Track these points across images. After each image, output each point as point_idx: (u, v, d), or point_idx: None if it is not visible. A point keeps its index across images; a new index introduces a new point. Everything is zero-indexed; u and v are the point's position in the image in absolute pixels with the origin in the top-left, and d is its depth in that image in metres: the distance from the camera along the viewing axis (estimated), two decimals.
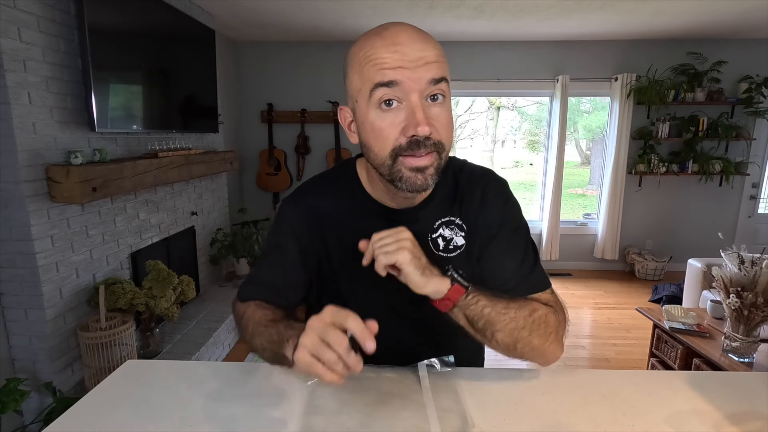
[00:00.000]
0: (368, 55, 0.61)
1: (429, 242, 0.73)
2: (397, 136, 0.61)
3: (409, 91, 0.59)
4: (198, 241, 3.09)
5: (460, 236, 0.74)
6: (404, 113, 0.60)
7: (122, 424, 0.63)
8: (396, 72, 0.59)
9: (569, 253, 4.37)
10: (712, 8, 2.99)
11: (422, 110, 0.59)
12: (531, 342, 0.68)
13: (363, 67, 0.61)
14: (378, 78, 0.60)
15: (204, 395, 0.69)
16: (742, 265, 1.58)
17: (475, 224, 0.75)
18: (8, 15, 1.62)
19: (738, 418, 0.64)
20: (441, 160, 0.64)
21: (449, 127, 0.64)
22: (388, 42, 0.60)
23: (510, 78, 4.02)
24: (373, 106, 0.61)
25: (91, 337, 1.86)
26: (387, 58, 0.59)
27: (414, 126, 0.59)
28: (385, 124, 0.61)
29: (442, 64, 0.62)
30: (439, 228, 0.74)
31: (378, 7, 2.99)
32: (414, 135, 0.60)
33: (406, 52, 0.59)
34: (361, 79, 0.62)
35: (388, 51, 0.59)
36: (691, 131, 3.88)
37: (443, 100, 0.62)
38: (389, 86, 0.59)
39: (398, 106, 0.61)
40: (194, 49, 2.84)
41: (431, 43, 0.62)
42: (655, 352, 2.17)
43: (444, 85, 0.62)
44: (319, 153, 4.18)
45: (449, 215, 0.74)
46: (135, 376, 0.76)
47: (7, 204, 1.70)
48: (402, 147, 0.61)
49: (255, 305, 0.72)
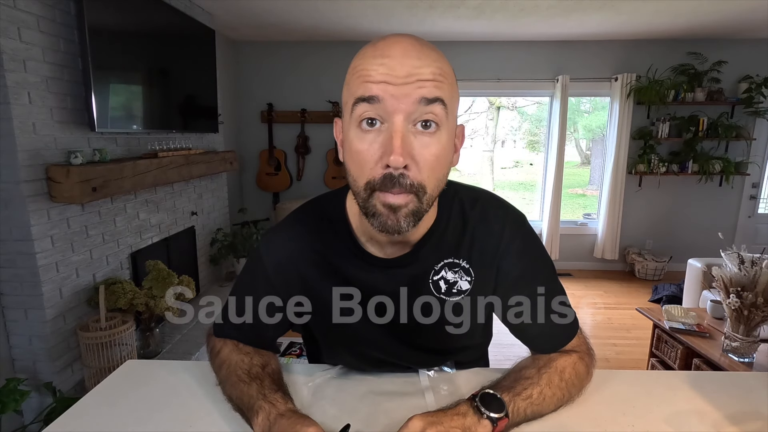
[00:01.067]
0: (356, 65, 0.54)
1: (430, 284, 0.67)
2: (372, 165, 0.53)
3: (393, 111, 0.51)
4: (198, 241, 3.09)
5: (465, 281, 0.67)
6: (383, 137, 0.52)
7: (122, 424, 0.63)
8: (379, 86, 0.51)
9: (569, 253, 4.37)
10: (712, 8, 2.99)
11: (402, 137, 0.51)
12: (572, 397, 0.67)
13: (351, 78, 0.55)
14: (360, 92, 0.52)
15: (204, 395, 0.69)
16: (742, 265, 1.58)
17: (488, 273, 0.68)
18: (8, 15, 1.62)
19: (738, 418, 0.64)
20: (421, 204, 0.54)
21: (436, 165, 0.54)
22: (378, 53, 0.52)
23: (510, 78, 4.02)
24: (354, 124, 0.53)
25: (91, 337, 1.86)
26: (372, 71, 0.52)
27: (388, 154, 0.51)
28: (364, 147, 0.53)
29: (441, 84, 0.53)
30: (441, 270, 0.66)
31: (378, 7, 2.98)
32: (387, 165, 0.51)
33: (393, 66, 0.51)
34: (348, 92, 0.55)
35: (375, 62, 0.52)
36: (691, 131, 3.88)
37: (435, 130, 0.53)
38: (370, 102, 0.51)
39: (380, 126, 0.52)
40: (194, 49, 2.84)
41: (430, 60, 0.53)
42: (655, 352, 2.17)
43: (438, 109, 0.52)
44: (319, 153, 4.18)
45: (453, 257, 0.66)
46: (135, 376, 0.76)
47: (7, 204, 1.70)
48: (376, 182, 0.53)
49: (232, 345, 0.71)
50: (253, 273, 0.72)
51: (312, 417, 0.56)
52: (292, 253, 0.69)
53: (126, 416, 0.65)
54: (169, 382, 0.73)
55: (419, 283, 0.67)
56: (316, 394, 0.70)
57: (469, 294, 0.68)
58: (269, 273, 0.69)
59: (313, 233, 0.69)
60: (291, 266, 0.69)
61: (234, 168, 3.27)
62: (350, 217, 0.67)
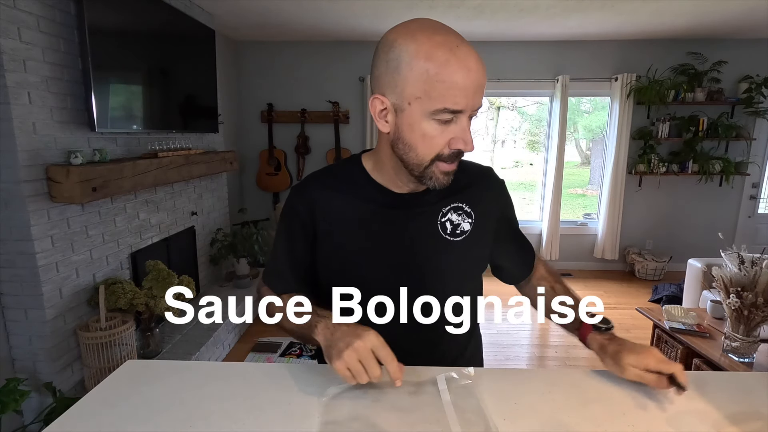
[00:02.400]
0: (440, 73, 0.61)
1: (438, 226, 0.79)
2: (443, 145, 0.67)
3: (466, 114, 0.65)
4: (198, 241, 3.09)
5: (467, 222, 0.80)
6: (454, 129, 0.66)
7: (122, 424, 0.63)
8: (464, 101, 0.63)
9: (569, 253, 4.37)
10: (712, 8, 2.99)
11: (469, 131, 0.67)
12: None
13: (433, 83, 0.62)
14: (449, 104, 0.63)
15: (204, 395, 0.69)
16: (742, 265, 1.58)
17: (482, 214, 0.82)
18: (8, 15, 1.62)
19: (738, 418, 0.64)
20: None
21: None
22: (462, 65, 0.61)
23: (510, 78, 4.02)
24: (430, 118, 0.65)
25: (91, 337, 1.86)
26: (461, 84, 0.62)
27: (463, 144, 0.67)
28: (437, 134, 0.66)
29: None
30: (448, 213, 0.79)
31: (378, 7, 2.99)
32: (459, 150, 0.67)
33: (475, 80, 0.62)
34: (425, 92, 0.63)
35: (460, 76, 0.61)
36: (691, 131, 3.88)
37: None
38: (455, 113, 0.64)
39: (449, 122, 0.65)
40: (194, 49, 2.84)
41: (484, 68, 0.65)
42: None
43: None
44: (319, 153, 4.18)
45: (457, 201, 0.80)
46: (135, 376, 0.76)
47: (7, 204, 1.70)
48: (444, 155, 0.68)
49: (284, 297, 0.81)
50: (287, 218, 0.83)
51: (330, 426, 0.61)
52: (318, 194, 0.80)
53: (126, 416, 0.65)
54: (169, 382, 0.73)
55: (428, 222, 0.78)
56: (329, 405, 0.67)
57: (469, 235, 0.80)
58: (301, 213, 0.80)
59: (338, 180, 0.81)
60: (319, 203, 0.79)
61: (234, 168, 3.27)
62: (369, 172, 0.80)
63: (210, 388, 0.71)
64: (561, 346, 2.83)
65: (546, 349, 2.81)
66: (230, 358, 2.70)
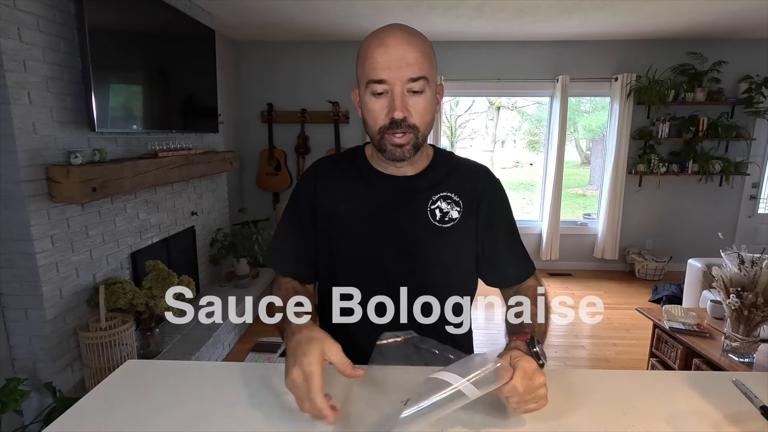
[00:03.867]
0: (366, 52, 0.76)
1: (428, 212, 0.85)
2: (383, 116, 0.77)
3: (393, 84, 0.75)
4: (198, 241, 3.09)
5: (455, 210, 0.86)
6: (388, 100, 0.76)
7: (122, 424, 0.63)
8: (383, 72, 0.74)
9: (569, 253, 4.37)
10: (712, 8, 3.00)
11: (401, 99, 0.75)
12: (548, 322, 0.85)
13: (363, 62, 0.77)
14: (371, 75, 0.75)
15: (204, 395, 0.69)
16: (742, 265, 1.58)
17: (470, 204, 0.87)
18: (8, 15, 1.62)
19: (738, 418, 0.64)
20: (417, 139, 0.79)
21: (425, 113, 0.78)
22: (380, 43, 0.75)
23: (510, 78, 4.02)
24: (368, 93, 0.77)
25: (91, 337, 1.86)
26: (378, 59, 0.74)
27: (393, 110, 0.75)
28: (376, 107, 0.77)
29: (423, 64, 0.75)
30: (437, 201, 0.86)
31: (378, 7, 2.99)
32: (392, 117, 0.75)
33: (391, 53, 0.74)
34: (361, 71, 0.78)
35: (379, 52, 0.74)
36: (691, 131, 3.88)
37: (422, 93, 0.77)
38: (379, 83, 0.75)
39: (385, 94, 0.76)
40: (194, 49, 2.83)
41: (414, 45, 0.75)
42: (655, 352, 2.17)
43: (422, 83, 0.75)
44: (319, 153, 4.18)
45: (446, 191, 0.86)
46: (135, 376, 0.76)
47: (7, 204, 1.70)
48: (386, 126, 0.77)
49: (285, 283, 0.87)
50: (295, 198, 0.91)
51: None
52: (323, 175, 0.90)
53: (126, 416, 0.65)
54: (169, 382, 0.73)
55: (419, 209, 0.85)
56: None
57: (458, 224, 0.85)
58: (309, 191, 0.89)
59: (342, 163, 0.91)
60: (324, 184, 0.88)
61: (234, 168, 3.27)
62: (368, 158, 0.90)
63: (210, 388, 0.71)
64: (561, 346, 2.83)
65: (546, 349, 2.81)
66: (230, 358, 2.70)
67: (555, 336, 2.99)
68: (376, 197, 0.86)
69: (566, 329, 3.11)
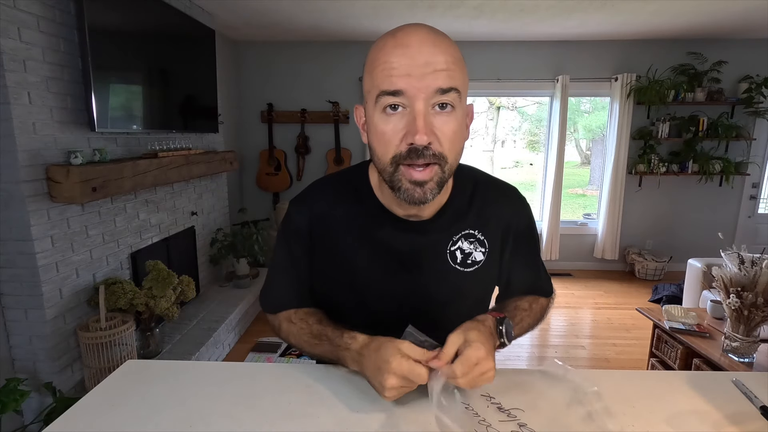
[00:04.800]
0: (378, 56, 0.59)
1: (447, 255, 0.72)
2: (398, 142, 0.59)
3: (414, 99, 0.57)
4: (198, 241, 3.09)
5: (479, 252, 0.72)
6: (407, 119, 0.58)
7: (122, 424, 0.63)
8: (402, 80, 0.56)
9: (569, 253, 4.37)
10: (712, 8, 2.99)
11: (424, 118, 0.57)
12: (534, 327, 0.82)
13: (374, 69, 0.59)
14: (384, 86, 0.58)
15: (204, 395, 0.69)
16: (742, 265, 1.58)
17: (496, 240, 0.74)
18: (8, 15, 1.62)
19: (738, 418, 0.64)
20: (444, 173, 0.61)
21: (455, 138, 0.60)
22: (398, 43, 0.57)
23: (510, 78, 4.02)
24: (379, 110, 0.59)
25: (91, 337, 1.86)
26: (395, 63, 0.57)
27: (413, 134, 0.57)
28: (388, 128, 0.59)
29: (454, 72, 0.58)
30: (458, 241, 0.72)
31: (378, 7, 2.99)
32: (412, 143, 0.58)
33: (414, 56, 0.56)
34: (371, 82, 0.60)
35: (396, 54, 0.57)
36: (691, 131, 3.88)
37: (451, 110, 0.59)
38: (395, 95, 0.57)
39: (402, 111, 0.58)
40: (194, 49, 2.83)
41: (443, 47, 0.58)
42: (655, 352, 2.17)
43: (453, 95, 0.58)
44: (319, 153, 4.18)
45: (469, 228, 0.72)
46: (135, 376, 0.76)
47: (7, 204, 1.70)
48: (402, 155, 0.59)
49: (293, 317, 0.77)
50: (287, 235, 0.77)
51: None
52: (318, 211, 0.74)
53: (126, 416, 0.64)
54: (169, 382, 0.73)
55: (437, 252, 0.71)
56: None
57: (482, 266, 0.73)
58: (302, 231, 0.74)
59: (340, 195, 0.74)
60: (320, 222, 0.73)
61: (234, 168, 3.27)
62: (374, 187, 0.73)
63: (210, 388, 0.71)
64: (561, 346, 2.83)
65: (546, 349, 2.81)
66: (230, 358, 2.70)
67: (555, 336, 2.99)
68: (384, 242, 0.71)
69: (566, 329, 3.11)
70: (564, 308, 3.43)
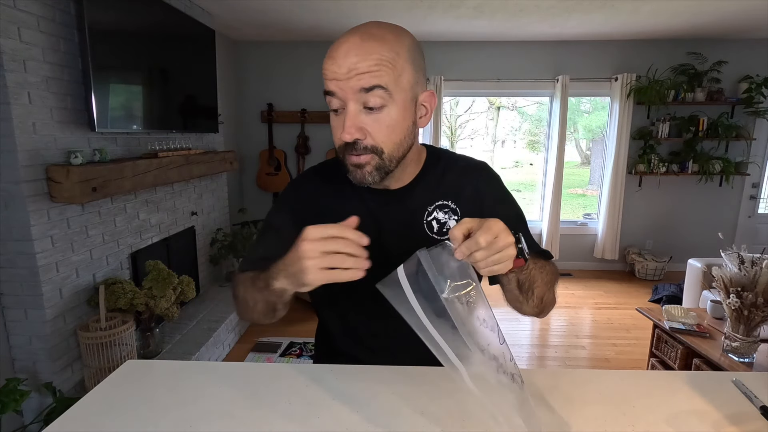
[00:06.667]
0: (323, 64, 0.67)
1: (424, 225, 0.78)
2: (339, 136, 0.68)
3: (345, 99, 0.65)
4: (198, 241, 3.09)
5: (453, 220, 0.78)
6: (342, 119, 0.67)
7: (122, 424, 0.63)
8: (331, 83, 0.65)
9: (569, 253, 4.37)
10: (712, 8, 2.99)
11: (352, 118, 0.65)
12: (551, 293, 0.75)
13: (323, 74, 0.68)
14: (325, 87, 0.67)
15: (204, 395, 0.69)
16: (742, 265, 1.58)
17: (469, 210, 0.78)
18: (8, 15, 1.62)
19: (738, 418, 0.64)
20: (383, 160, 0.69)
21: (390, 132, 0.67)
22: (330, 55, 0.66)
23: (510, 78, 4.02)
24: (330, 109, 0.69)
25: (91, 337, 1.86)
26: (327, 69, 0.66)
27: (340, 132, 0.67)
28: (333, 125, 0.69)
29: (379, 72, 0.63)
30: (433, 211, 0.78)
31: (378, 7, 2.99)
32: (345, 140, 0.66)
33: (339, 64, 0.64)
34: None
35: (328, 62, 0.65)
36: (691, 131, 3.88)
37: (381, 108, 0.65)
38: (331, 95, 0.66)
39: (342, 112, 0.67)
40: (194, 49, 2.83)
41: (369, 51, 0.63)
42: (655, 352, 2.17)
43: (379, 93, 0.64)
44: (319, 153, 4.18)
45: (441, 199, 0.79)
46: (135, 376, 0.76)
47: (7, 204, 1.70)
48: (342, 147, 0.69)
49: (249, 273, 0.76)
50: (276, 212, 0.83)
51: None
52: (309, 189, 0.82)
53: (126, 416, 0.65)
54: (169, 382, 0.73)
55: (414, 222, 0.78)
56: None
57: None
58: (293, 207, 0.81)
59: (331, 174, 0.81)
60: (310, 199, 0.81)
61: (234, 168, 3.27)
62: None
63: (210, 388, 0.71)
64: (561, 346, 2.83)
65: (546, 349, 2.81)
66: (230, 358, 2.70)
67: (555, 336, 2.99)
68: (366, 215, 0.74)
69: (566, 329, 3.11)
70: (564, 308, 3.43)
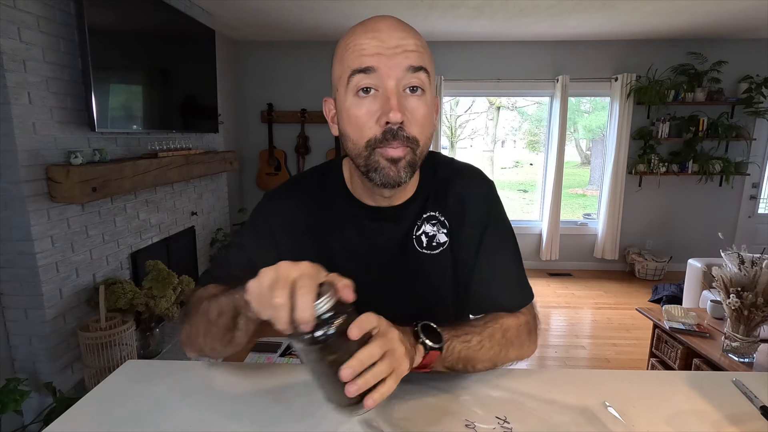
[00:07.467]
0: (348, 42, 0.60)
1: (413, 241, 0.72)
2: (372, 125, 0.59)
3: (386, 77, 0.57)
4: (198, 241, 3.09)
5: (442, 233, 0.72)
6: (380, 101, 0.58)
7: (122, 424, 0.63)
8: (373, 58, 0.57)
9: (569, 253, 4.37)
10: (712, 8, 2.99)
11: (397, 98, 0.57)
12: (509, 356, 0.69)
13: (344, 54, 0.60)
14: (356, 64, 0.58)
15: (204, 395, 0.69)
16: (742, 265, 1.58)
17: (460, 223, 0.73)
18: (8, 15, 1.62)
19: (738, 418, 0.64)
20: (415, 156, 0.61)
21: (426, 122, 0.61)
22: (368, 29, 0.59)
23: (510, 78, 4.02)
24: (351, 93, 0.59)
25: (91, 337, 1.86)
26: (365, 44, 0.58)
27: (387, 112, 0.57)
28: (362, 112, 0.59)
29: (423, 54, 0.60)
30: (422, 225, 0.72)
31: (378, 7, 2.99)
32: (387, 122, 0.57)
33: (384, 39, 0.58)
34: (341, 67, 0.61)
35: (366, 38, 0.58)
36: (691, 131, 3.88)
37: (422, 94, 0.60)
38: (366, 72, 0.57)
39: (375, 93, 0.59)
40: (194, 49, 2.84)
41: (412, 33, 0.60)
42: (655, 352, 2.17)
43: (423, 76, 0.59)
44: (319, 153, 4.18)
45: (430, 210, 0.72)
46: (135, 376, 0.76)
47: (7, 204, 1.70)
48: (377, 138, 0.59)
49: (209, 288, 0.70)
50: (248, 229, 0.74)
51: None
52: (289, 206, 0.73)
53: (126, 416, 0.64)
54: (169, 382, 0.73)
55: (405, 240, 0.71)
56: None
57: (447, 247, 0.72)
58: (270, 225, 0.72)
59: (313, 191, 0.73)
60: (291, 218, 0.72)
61: (234, 168, 3.27)
62: (346, 180, 0.73)
63: (210, 389, 0.71)
64: (561, 346, 2.83)
65: (546, 349, 2.81)
66: (230, 358, 2.69)
67: (555, 336, 2.99)
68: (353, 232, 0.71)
69: (566, 329, 3.11)
70: (564, 308, 3.43)
